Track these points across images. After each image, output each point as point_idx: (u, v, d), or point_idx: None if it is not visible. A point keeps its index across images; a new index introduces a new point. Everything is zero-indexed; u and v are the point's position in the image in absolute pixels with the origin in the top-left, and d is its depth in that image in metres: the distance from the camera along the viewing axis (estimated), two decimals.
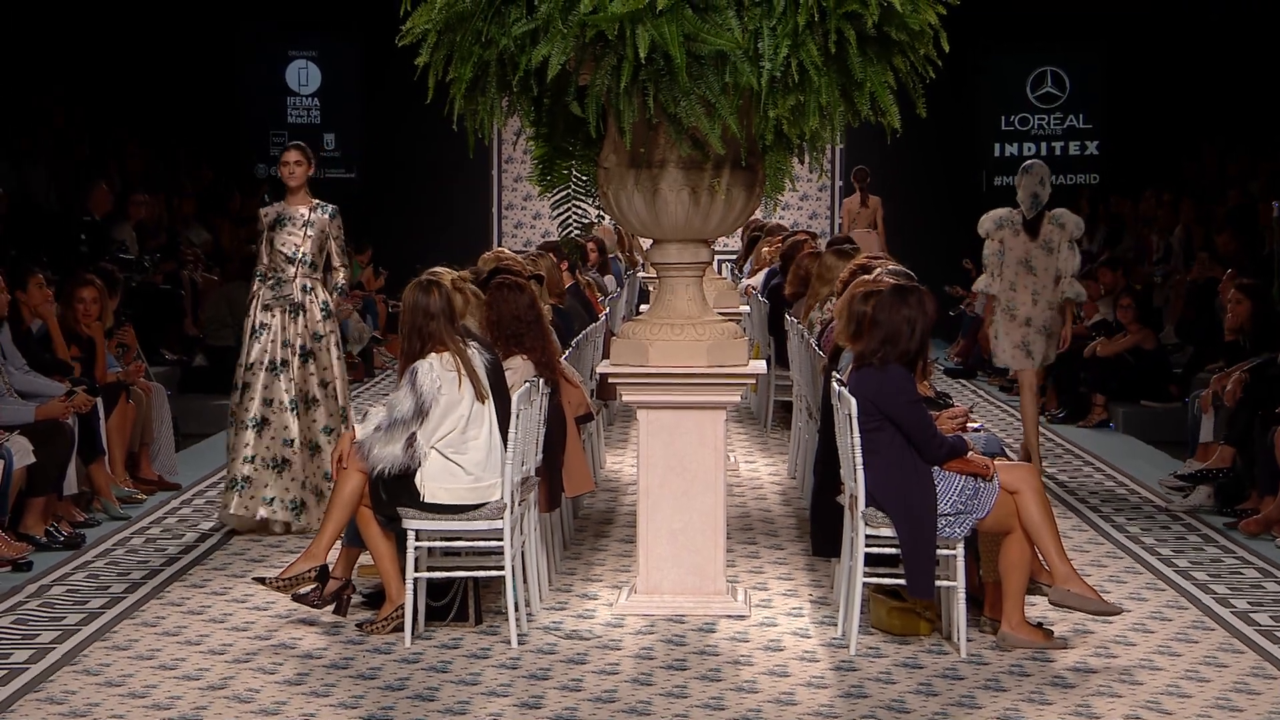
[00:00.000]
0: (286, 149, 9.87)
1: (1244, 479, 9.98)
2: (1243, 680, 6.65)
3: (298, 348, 9.57)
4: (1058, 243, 11.13)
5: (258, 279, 9.77)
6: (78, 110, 18.15)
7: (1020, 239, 11.16)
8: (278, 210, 9.80)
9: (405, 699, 6.38)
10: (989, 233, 11.28)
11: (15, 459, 8.76)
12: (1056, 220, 11.15)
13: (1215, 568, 8.64)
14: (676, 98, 6.91)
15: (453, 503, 7.17)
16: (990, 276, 11.30)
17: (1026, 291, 11.13)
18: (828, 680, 6.66)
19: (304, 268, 9.63)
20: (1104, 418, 13.58)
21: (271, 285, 9.65)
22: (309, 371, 9.58)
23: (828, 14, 6.79)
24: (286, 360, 9.53)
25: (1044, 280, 11.12)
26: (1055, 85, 22.16)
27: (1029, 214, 11.13)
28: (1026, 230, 11.14)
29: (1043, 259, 11.12)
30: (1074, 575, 7.13)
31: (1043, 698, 6.42)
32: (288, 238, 9.65)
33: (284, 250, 9.64)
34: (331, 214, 9.74)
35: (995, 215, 11.31)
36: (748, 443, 12.89)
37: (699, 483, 7.65)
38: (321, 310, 9.65)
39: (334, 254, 9.75)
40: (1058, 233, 11.13)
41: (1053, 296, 11.14)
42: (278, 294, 9.61)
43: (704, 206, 7.49)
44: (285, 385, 9.50)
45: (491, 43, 6.97)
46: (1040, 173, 11.14)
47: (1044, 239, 11.13)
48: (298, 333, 9.58)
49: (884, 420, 6.99)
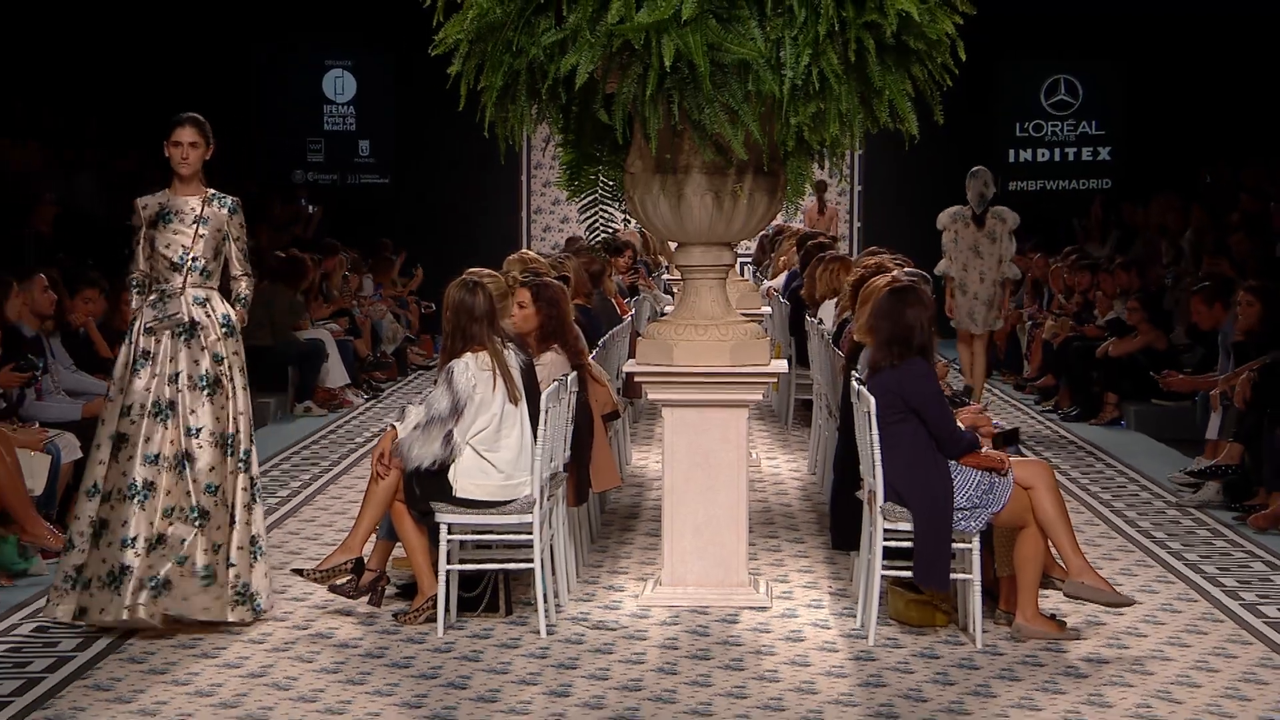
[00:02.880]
0: (179, 123, 7.38)
1: (1252, 475, 9.96)
2: (1251, 671, 6.63)
3: (197, 379, 7.21)
4: (1000, 233, 13.38)
5: (135, 292, 7.43)
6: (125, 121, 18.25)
7: (970, 230, 13.38)
8: (160, 202, 7.39)
9: (438, 687, 6.40)
10: (945, 225, 13.50)
11: (63, 454, 8.82)
12: (999, 215, 13.40)
13: (1224, 561, 8.62)
14: (700, 105, 6.91)
15: (484, 498, 7.19)
16: (948, 260, 13.38)
17: (975, 272, 13.32)
18: (847, 670, 6.66)
19: (195, 275, 7.31)
20: (1116, 416, 13.56)
21: (154, 301, 7.29)
22: (218, 406, 7.22)
23: (848, 24, 6.79)
24: (174, 401, 7.15)
25: (989, 263, 13.35)
26: (1069, 93, 22.11)
27: (977, 210, 13.37)
28: (975, 223, 13.37)
29: (987, 246, 13.36)
30: (1087, 568, 7.12)
31: (1056, 687, 6.41)
32: (173, 237, 7.32)
33: (167, 253, 7.31)
34: (231, 208, 7.48)
35: (950, 211, 13.53)
36: (769, 440, 12.89)
37: (722, 478, 7.66)
38: (222, 327, 7.32)
39: (234, 260, 7.45)
40: (1000, 225, 13.38)
41: (995, 275, 13.37)
42: (161, 313, 7.24)
43: (727, 211, 7.50)
44: (171, 435, 7.13)
45: (521, 52, 6.99)
46: (985, 176, 13.44)
47: (989, 230, 13.36)
48: (193, 360, 7.22)
49: (905, 414, 6.98)
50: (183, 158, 7.34)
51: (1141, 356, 13.35)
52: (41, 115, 16.80)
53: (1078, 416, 13.83)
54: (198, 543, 7.06)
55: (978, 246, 13.35)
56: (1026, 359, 16.20)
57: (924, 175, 18.95)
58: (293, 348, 14.26)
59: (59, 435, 8.90)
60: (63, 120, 16.77)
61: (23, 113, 16.11)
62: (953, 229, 13.43)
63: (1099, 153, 22.15)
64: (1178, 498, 10.31)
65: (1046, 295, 16.77)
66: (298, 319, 14.60)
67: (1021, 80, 22.05)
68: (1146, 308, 13.73)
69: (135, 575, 6.96)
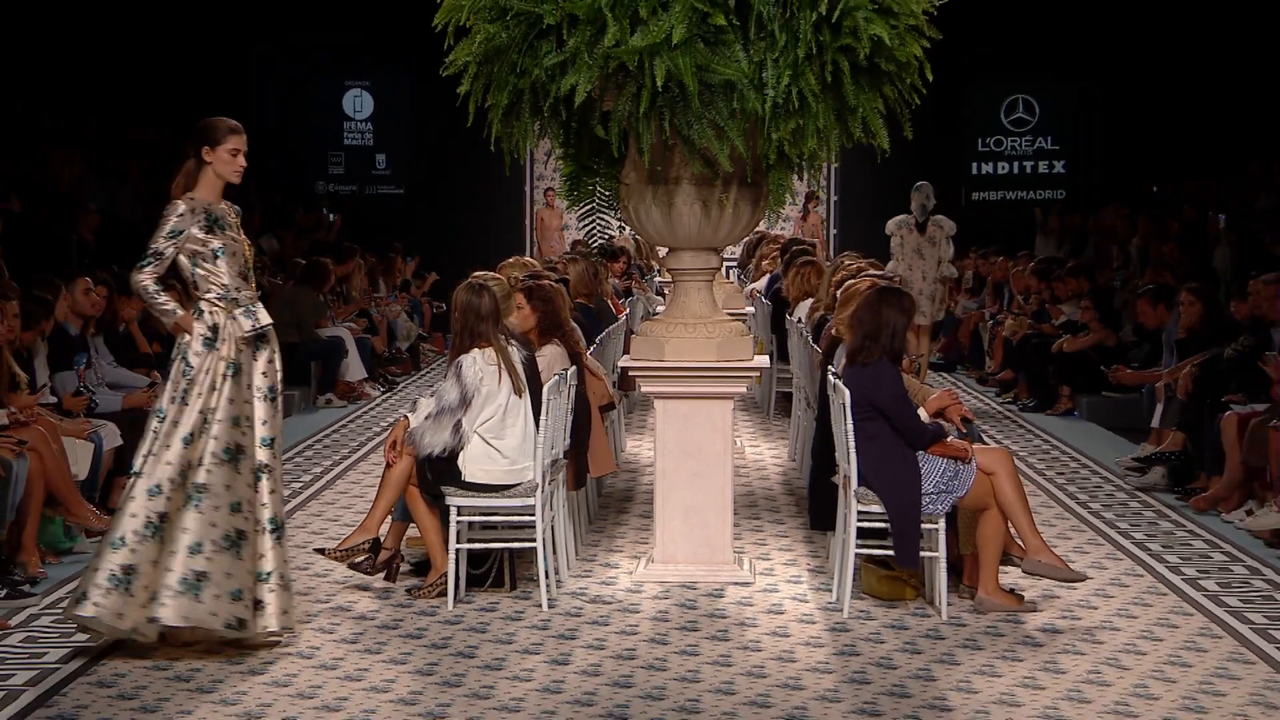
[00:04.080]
0: (238, 130, 6.52)
1: (1194, 461, 9.96)
2: (1192, 640, 6.63)
3: (266, 390, 6.56)
4: (939, 238, 14.12)
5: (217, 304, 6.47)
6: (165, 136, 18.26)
7: (914, 235, 14.10)
8: (204, 207, 6.45)
9: (448, 656, 6.38)
10: (893, 231, 14.23)
11: (105, 442, 8.80)
12: (938, 223, 14.13)
13: (1168, 540, 8.62)
14: (690, 122, 6.90)
15: (491, 482, 7.18)
16: (896, 261, 13.96)
17: (919, 272, 13.99)
18: (824, 640, 6.65)
19: (249, 283, 6.60)
20: (1070, 407, 13.55)
21: (244, 313, 6.50)
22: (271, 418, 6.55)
23: (825, 47, 6.78)
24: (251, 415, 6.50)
25: (930, 264, 14.07)
26: (1026, 111, 22.13)
27: (920, 218, 14.10)
28: (918, 229, 14.10)
29: (929, 249, 14.07)
30: (1043, 547, 7.12)
31: (1015, 655, 6.41)
32: (234, 244, 6.51)
33: (235, 260, 6.51)
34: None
35: (897, 219, 14.26)
36: (753, 429, 12.88)
37: (709, 465, 7.65)
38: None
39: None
40: (939, 231, 14.12)
41: (936, 275, 14.10)
42: (256, 323, 6.52)
43: (714, 219, 7.48)
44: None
45: (525, 73, 6.97)
46: (926, 190, 14.16)
47: (930, 235, 14.10)
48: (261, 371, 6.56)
49: (875, 411, 6.99)
50: (244, 166, 6.56)
51: (1093, 353, 13.36)
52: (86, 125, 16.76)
53: (1035, 407, 13.82)
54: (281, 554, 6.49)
55: (920, 250, 14.08)
56: (988, 355, 16.20)
57: (895, 186, 18.86)
58: (315, 345, 14.24)
59: (102, 425, 8.89)
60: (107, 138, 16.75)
61: (67, 126, 16.09)
62: (899, 234, 14.18)
63: (1054, 166, 22.18)
64: (1126, 482, 10.30)
65: (1007, 296, 16.76)
66: (320, 318, 14.59)
67: (984, 100, 22.06)
68: (1097, 308, 13.73)
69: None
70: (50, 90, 16.97)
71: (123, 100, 18.43)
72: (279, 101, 21.73)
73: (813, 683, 6.05)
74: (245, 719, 5.61)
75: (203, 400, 6.38)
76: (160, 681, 6.01)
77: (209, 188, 6.51)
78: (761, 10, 6.78)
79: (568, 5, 6.82)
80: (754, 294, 15.24)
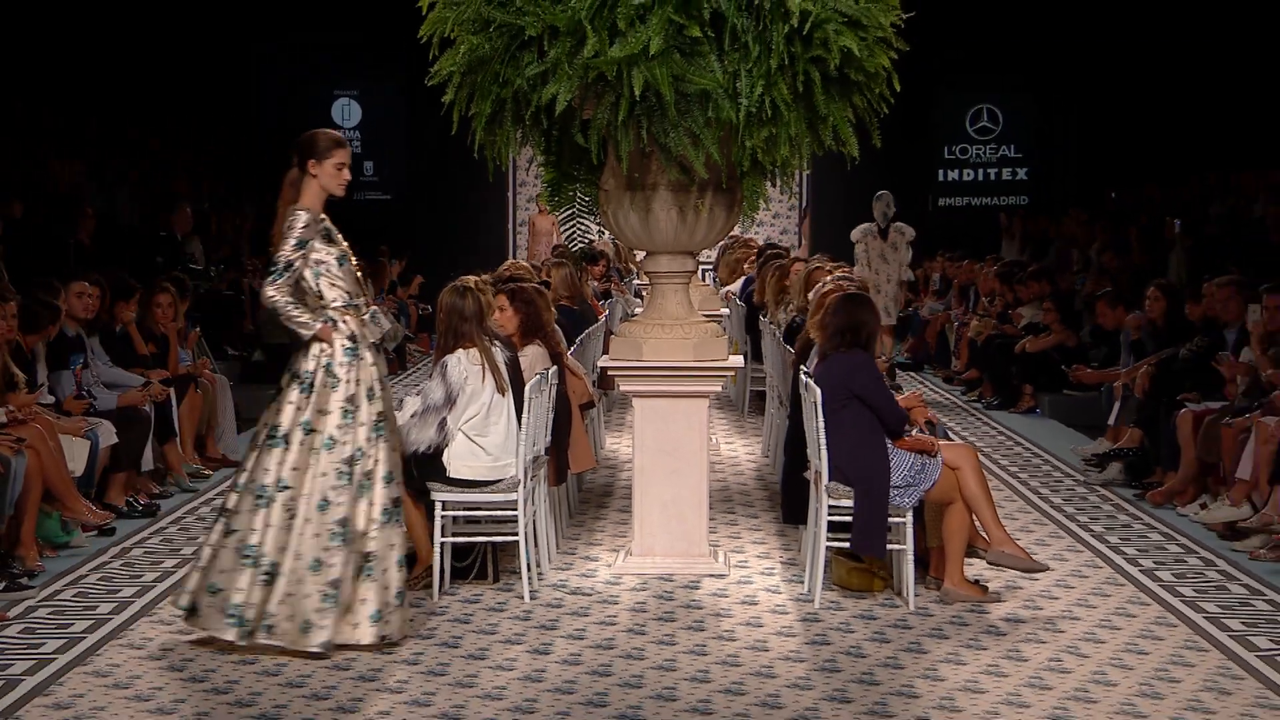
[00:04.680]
0: (342, 144, 6.50)
1: (1150, 457, 9.99)
2: (1148, 629, 6.65)
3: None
4: (900, 244, 15.07)
5: (346, 312, 6.37)
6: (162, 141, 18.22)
7: (877, 241, 15.07)
8: (319, 218, 6.44)
9: (434, 645, 6.36)
10: (857, 239, 15.16)
11: (101, 440, 8.76)
12: (899, 230, 15.06)
13: (1126, 533, 8.64)
14: (666, 130, 6.89)
15: (475, 478, 7.16)
16: (861, 266, 14.81)
17: (883, 275, 14.84)
18: (795, 630, 6.65)
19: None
20: (1032, 405, 13.57)
21: (370, 317, 6.45)
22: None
23: (796, 58, 6.78)
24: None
25: (892, 268, 15.03)
26: (990, 120, 22.15)
27: (882, 225, 15.09)
28: (880, 236, 15.05)
29: (890, 254, 15.05)
30: (1007, 539, 7.13)
31: (979, 644, 6.42)
32: (346, 254, 6.50)
33: (352, 269, 6.50)
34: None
35: (861, 227, 15.16)
36: (728, 427, 12.87)
37: (686, 461, 7.64)
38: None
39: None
40: (900, 238, 15.05)
41: (897, 278, 15.10)
42: (379, 327, 6.49)
43: (690, 224, 7.48)
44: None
45: (507, 83, 6.96)
46: (887, 199, 15.09)
47: (891, 241, 15.02)
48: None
49: (848, 400, 6.99)
50: (345, 179, 6.48)
51: (1054, 353, 13.38)
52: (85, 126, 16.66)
53: (999, 405, 13.84)
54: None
55: (884, 254, 15.06)
56: (954, 354, 16.21)
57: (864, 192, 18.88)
58: None
59: (98, 423, 8.84)
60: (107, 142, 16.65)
61: (66, 129, 16.00)
62: (864, 241, 15.08)
63: (1017, 173, 22.21)
64: (1085, 476, 10.33)
65: (972, 298, 16.79)
66: None
67: (949, 109, 22.08)
68: (1058, 310, 13.76)
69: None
70: (50, 91, 16.88)
71: (121, 102, 18.35)
72: (272, 109, 21.64)
73: (785, 671, 6.05)
74: (236, 707, 5.58)
75: (365, 411, 6.28)
76: (154, 671, 5.99)
77: (314, 199, 6.40)
78: (736, 22, 6.78)
79: (549, 17, 6.82)
80: (729, 296, 15.24)
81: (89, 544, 8.17)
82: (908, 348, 17.91)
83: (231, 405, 11.13)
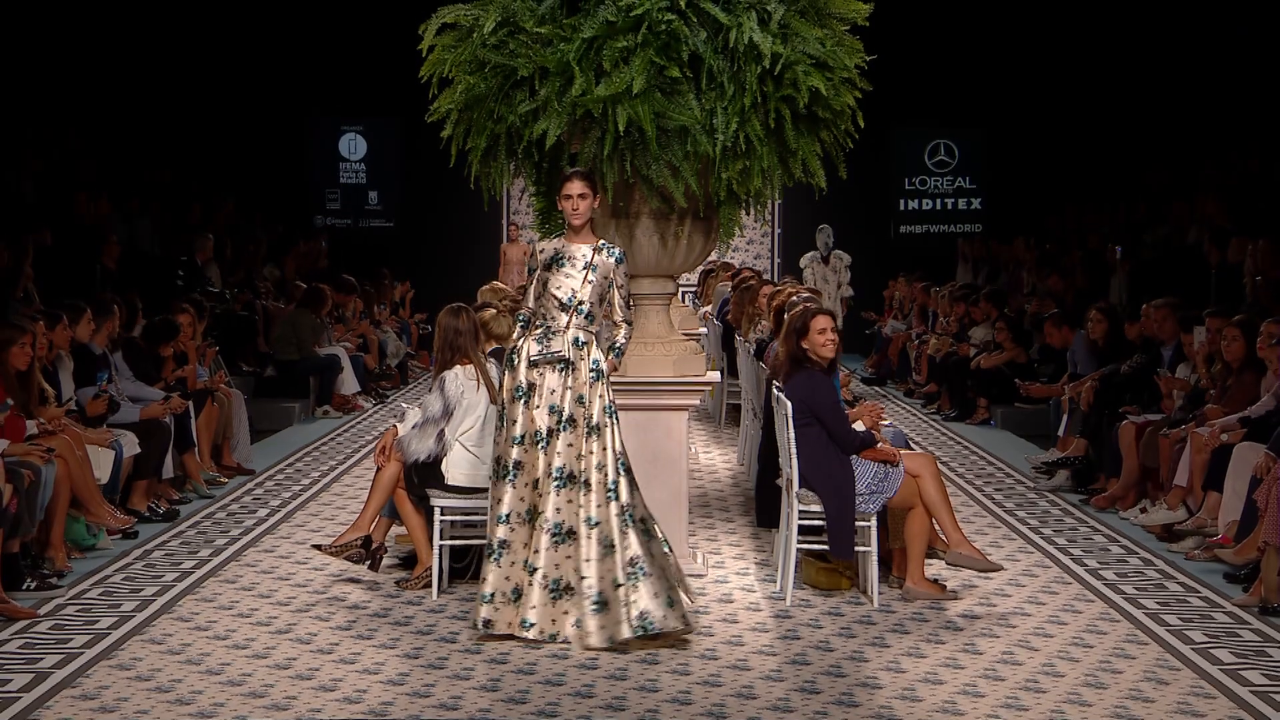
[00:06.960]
0: (569, 178, 6.55)
1: (1095, 464, 10.01)
2: (1093, 624, 6.65)
3: (564, 412, 6.42)
4: (839, 267, 16.90)
5: (520, 325, 6.68)
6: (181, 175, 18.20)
7: (821, 266, 16.88)
8: (556, 247, 6.58)
9: (433, 641, 6.34)
10: (805, 264, 17.05)
11: (125, 450, 8.73)
12: (839, 256, 16.99)
13: (1072, 535, 8.65)
14: (648, 162, 6.90)
15: (471, 485, 7.14)
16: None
17: (825, 295, 15.23)
18: (769, 626, 6.64)
19: (579, 317, 6.51)
20: (986, 417, 13.59)
21: (539, 336, 6.51)
22: (564, 443, 6.40)
23: (768, 97, 6.81)
24: (553, 430, 6.42)
25: (833, 287, 16.60)
26: (947, 154, 22.22)
27: (824, 253, 16.97)
28: (823, 262, 16.87)
29: (832, 277, 16.79)
30: (964, 541, 7.14)
31: (938, 638, 6.41)
32: (564, 280, 6.51)
33: (558, 294, 6.52)
34: (619, 258, 6.59)
35: (807, 255, 17.10)
36: (706, 437, 12.87)
37: (667, 469, 7.62)
38: (591, 372, 6.47)
39: (616, 305, 6.58)
40: (839, 262, 16.93)
41: (838, 296, 16.66)
42: (545, 348, 6.45)
43: (670, 249, 7.49)
44: (549, 458, 6.41)
45: (501, 119, 6.97)
46: (827, 231, 17.06)
47: (832, 266, 16.82)
48: (563, 394, 6.44)
49: (811, 419, 6.99)
50: (574, 209, 6.49)
51: (1006, 368, 13.41)
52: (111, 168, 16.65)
53: (956, 417, 13.86)
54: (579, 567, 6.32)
55: (825, 277, 16.72)
56: (914, 370, 16.23)
57: (831, 220, 19.01)
58: (314, 362, 14.14)
59: (122, 434, 8.81)
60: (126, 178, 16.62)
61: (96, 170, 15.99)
62: (810, 266, 16.85)
63: (971, 203, 22.27)
64: (1035, 483, 10.34)
65: (931, 318, 16.81)
66: (318, 338, 14.49)
67: (909, 144, 22.14)
68: (1009, 329, 13.79)
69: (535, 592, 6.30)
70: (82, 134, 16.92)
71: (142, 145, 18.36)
72: (283, 145, 21.61)
73: (759, 664, 6.04)
74: (250, 698, 5.55)
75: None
76: (174, 664, 5.95)
77: (566, 231, 6.66)
78: (712, 64, 6.80)
79: (540, 59, 6.83)
80: (706, 316, 15.25)
81: (113, 546, 8.13)
82: (871, 363, 17.95)
83: (246, 417, 11.10)
